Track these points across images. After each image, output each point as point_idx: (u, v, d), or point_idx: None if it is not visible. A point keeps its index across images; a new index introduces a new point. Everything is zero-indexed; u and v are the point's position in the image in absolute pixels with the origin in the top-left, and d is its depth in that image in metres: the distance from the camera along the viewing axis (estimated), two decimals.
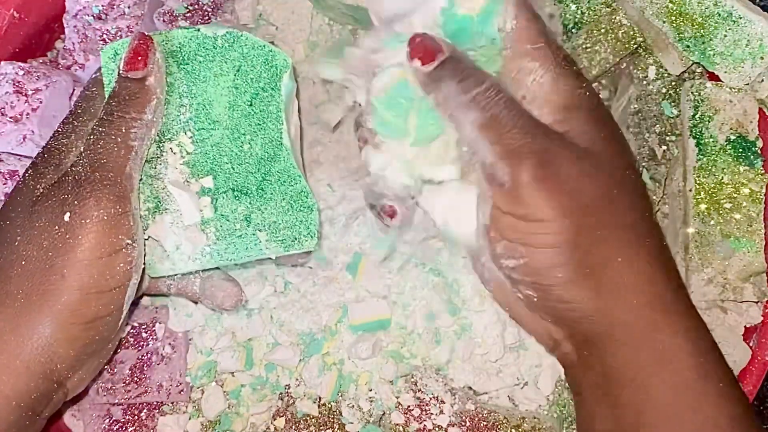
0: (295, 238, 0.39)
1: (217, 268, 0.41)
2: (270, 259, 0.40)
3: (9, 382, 0.33)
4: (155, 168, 0.38)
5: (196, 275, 0.41)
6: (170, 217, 0.38)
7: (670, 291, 0.33)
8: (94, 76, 0.39)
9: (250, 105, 0.39)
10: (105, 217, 0.33)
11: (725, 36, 0.44)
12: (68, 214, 0.33)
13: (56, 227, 0.33)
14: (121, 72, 0.36)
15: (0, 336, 0.33)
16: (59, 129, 0.38)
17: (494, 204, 0.33)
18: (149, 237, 0.38)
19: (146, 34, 0.36)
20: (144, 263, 0.38)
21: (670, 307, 0.32)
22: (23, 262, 0.34)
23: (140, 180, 0.37)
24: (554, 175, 0.31)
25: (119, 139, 0.35)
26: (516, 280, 0.34)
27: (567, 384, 0.45)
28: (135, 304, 0.47)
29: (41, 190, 0.35)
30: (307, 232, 0.39)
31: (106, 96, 0.37)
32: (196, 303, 0.44)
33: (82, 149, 0.35)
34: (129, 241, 0.35)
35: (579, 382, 0.35)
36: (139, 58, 0.35)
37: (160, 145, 0.38)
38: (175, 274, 0.39)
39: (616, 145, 0.34)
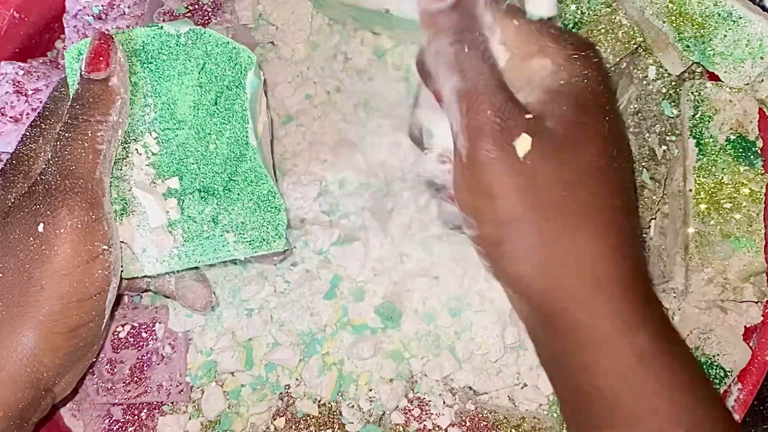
0: (263, 239, 0.39)
1: (190, 268, 0.41)
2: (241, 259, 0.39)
3: None
4: (121, 170, 0.37)
5: (171, 275, 0.40)
6: (137, 220, 0.38)
7: (616, 278, 0.32)
8: (62, 77, 0.39)
9: (215, 104, 0.38)
10: (79, 225, 0.33)
11: (725, 36, 0.44)
12: (42, 224, 0.33)
13: (31, 238, 0.33)
14: (83, 73, 0.35)
15: None
16: (27, 133, 0.37)
17: (454, 171, 0.33)
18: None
19: (107, 33, 0.36)
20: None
21: (614, 293, 0.32)
22: (0, 275, 0.33)
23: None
24: (509, 156, 0.31)
25: (86, 144, 0.34)
26: (476, 250, 0.34)
27: None
28: (136, 306, 0.47)
29: (12, 201, 0.35)
30: (275, 233, 0.39)
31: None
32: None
33: (50, 155, 0.35)
34: (105, 247, 0.34)
35: (539, 359, 0.36)
36: (101, 58, 0.35)
37: (126, 146, 0.37)
38: (146, 276, 0.39)
39: (592, 133, 0.33)
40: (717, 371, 0.43)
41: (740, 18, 0.43)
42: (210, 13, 0.48)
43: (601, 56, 0.35)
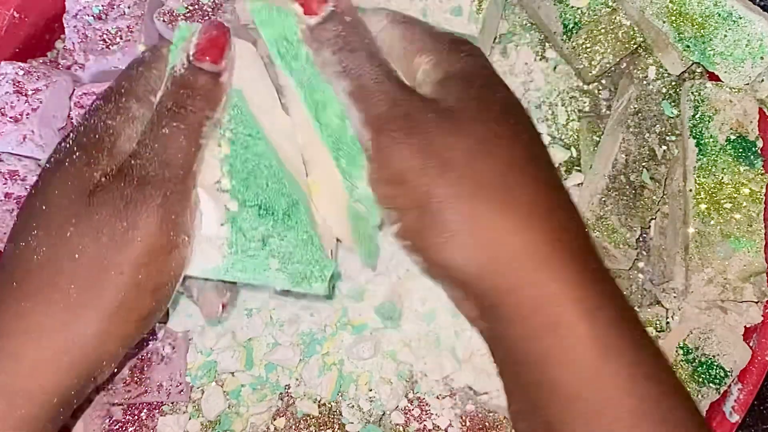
0: (305, 277, 0.36)
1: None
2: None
3: (53, 380, 0.32)
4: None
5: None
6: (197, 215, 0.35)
7: (559, 251, 0.30)
8: (140, 55, 0.37)
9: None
10: (169, 217, 0.32)
11: (725, 36, 0.44)
12: (132, 211, 0.32)
13: (117, 223, 0.31)
14: (192, 60, 0.34)
15: (48, 333, 0.31)
16: (101, 107, 0.35)
17: (367, 172, 0.32)
18: None
19: (223, 23, 0.35)
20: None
21: (557, 273, 0.30)
22: (77, 256, 0.31)
23: None
24: (414, 137, 0.30)
25: (191, 136, 0.33)
26: (402, 247, 0.32)
27: None
28: None
29: (98, 179, 0.33)
30: (319, 274, 0.36)
31: (166, 82, 0.34)
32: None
33: (144, 138, 0.33)
34: (186, 238, 0.33)
35: (494, 360, 0.33)
36: (215, 49, 0.34)
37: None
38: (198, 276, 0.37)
39: (487, 103, 0.32)
40: (717, 371, 0.43)
41: (740, 18, 0.43)
42: (210, 13, 0.48)
43: (476, 49, 0.35)
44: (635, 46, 0.46)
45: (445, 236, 0.30)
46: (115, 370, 0.41)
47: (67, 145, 0.34)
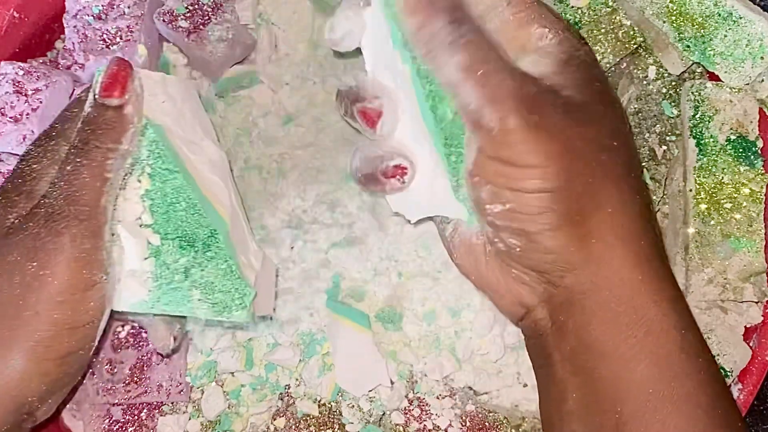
0: (227, 306, 0.37)
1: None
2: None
3: None
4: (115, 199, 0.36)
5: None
6: (117, 252, 0.36)
7: (656, 254, 0.32)
8: (77, 96, 0.38)
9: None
10: (79, 254, 0.32)
11: (725, 36, 0.44)
12: (41, 250, 0.32)
13: (29, 263, 0.32)
14: (96, 97, 0.34)
15: None
16: (31, 151, 0.36)
17: (480, 148, 0.31)
18: None
19: (125, 59, 0.35)
20: None
21: (657, 271, 0.31)
22: None
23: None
24: (543, 121, 0.30)
25: (95, 171, 0.33)
26: (500, 227, 0.32)
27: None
28: None
29: (12, 221, 0.34)
30: (240, 302, 0.37)
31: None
32: None
33: (54, 178, 0.33)
34: (102, 275, 0.34)
35: (549, 353, 0.33)
36: (117, 84, 0.34)
37: (124, 177, 0.36)
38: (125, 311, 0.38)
39: (609, 100, 0.33)
40: None
41: (740, 18, 0.43)
42: (210, 13, 0.48)
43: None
44: (635, 46, 0.46)
45: (557, 224, 0.31)
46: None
47: None
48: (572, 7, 0.46)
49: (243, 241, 0.40)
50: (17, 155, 0.46)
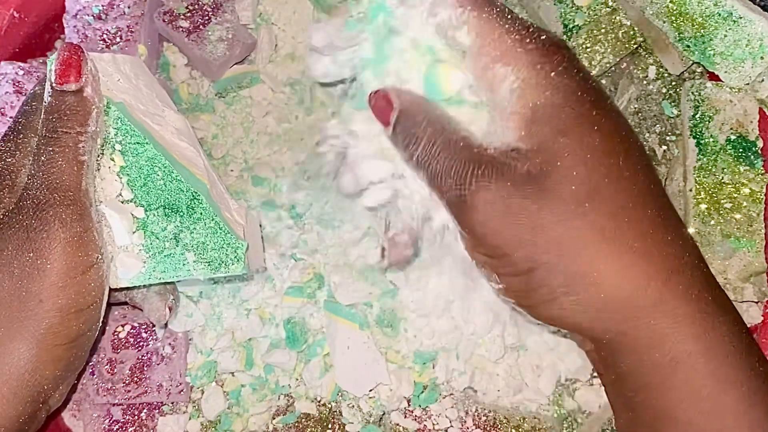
0: (222, 261, 0.38)
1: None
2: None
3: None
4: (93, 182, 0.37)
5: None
6: (105, 233, 0.37)
7: (669, 297, 0.30)
8: (32, 91, 0.38)
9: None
10: (72, 237, 0.33)
11: (725, 36, 0.44)
12: (35, 241, 0.33)
13: (25, 254, 0.33)
14: (53, 85, 0.34)
15: None
16: (1, 148, 0.37)
17: (464, 245, 0.33)
18: None
19: (74, 43, 0.35)
20: None
21: (670, 314, 0.30)
22: None
23: None
24: (500, 214, 0.30)
25: (69, 156, 0.34)
26: (505, 300, 0.34)
27: (567, 382, 0.45)
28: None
29: (1, 217, 0.34)
30: (234, 255, 0.38)
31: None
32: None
33: (31, 169, 0.34)
34: (98, 256, 0.35)
35: (601, 379, 0.34)
36: (71, 69, 0.34)
37: (96, 159, 0.37)
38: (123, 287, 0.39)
39: (583, 153, 0.30)
40: None
41: (740, 18, 0.43)
42: (210, 13, 0.48)
43: (572, 57, 0.32)
44: (635, 46, 0.46)
45: (552, 297, 0.31)
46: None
47: None
48: (572, 7, 0.46)
49: (223, 199, 0.41)
50: None
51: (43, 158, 0.34)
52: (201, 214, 0.38)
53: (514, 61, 0.31)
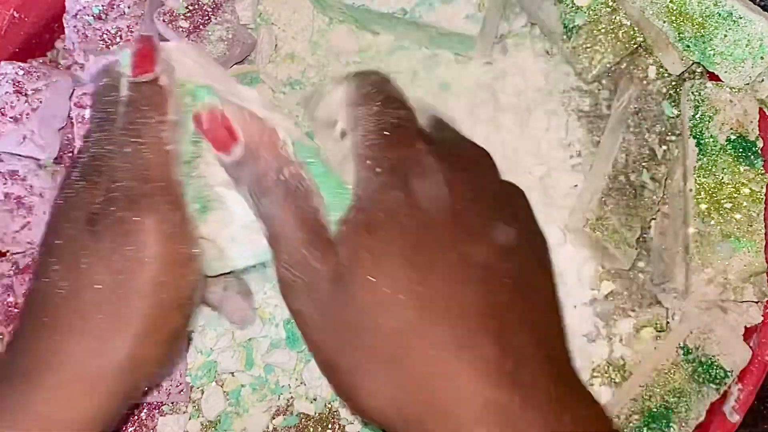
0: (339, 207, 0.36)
1: (235, 278, 0.40)
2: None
3: (92, 407, 0.32)
4: (197, 168, 0.36)
5: (217, 286, 0.40)
6: (220, 215, 0.36)
7: (503, 408, 0.26)
8: (102, 83, 0.36)
9: None
10: (170, 230, 0.32)
11: (725, 36, 0.44)
12: (132, 234, 0.31)
13: (125, 248, 0.31)
14: (129, 79, 0.34)
15: (83, 363, 0.31)
16: (94, 133, 0.35)
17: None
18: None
19: (147, 35, 0.35)
20: None
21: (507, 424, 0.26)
22: (96, 287, 0.32)
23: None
24: (308, 309, 0.30)
25: (154, 147, 0.33)
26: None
27: None
28: None
29: (95, 209, 0.33)
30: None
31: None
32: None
33: (119, 162, 0.33)
34: (195, 248, 0.33)
35: None
36: (146, 60, 0.34)
37: (198, 143, 0.36)
38: (230, 272, 0.37)
39: (378, 254, 0.29)
40: (717, 371, 0.43)
41: (740, 18, 0.43)
42: (210, 13, 0.48)
43: (403, 150, 0.31)
44: (635, 46, 0.46)
45: (346, 395, 0.30)
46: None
47: (69, 178, 0.34)
48: (572, 7, 0.46)
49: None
50: (17, 155, 0.46)
51: (127, 150, 0.33)
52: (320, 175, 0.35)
53: (355, 156, 0.31)
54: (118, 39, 0.47)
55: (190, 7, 0.48)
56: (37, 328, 0.32)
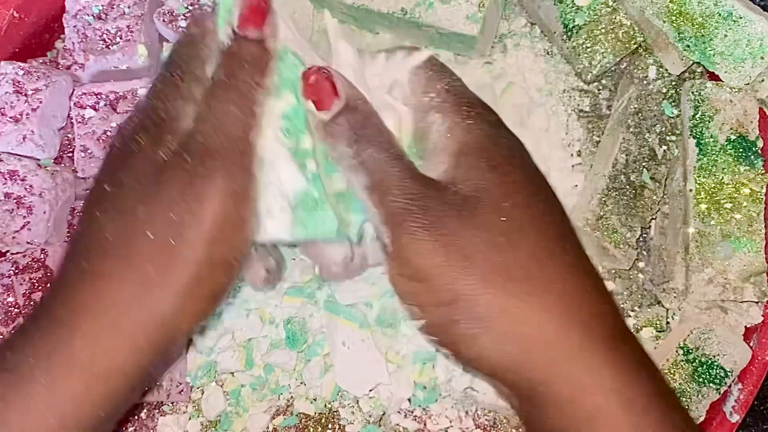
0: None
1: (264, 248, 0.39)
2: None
3: (130, 359, 0.31)
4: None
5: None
6: (265, 180, 0.34)
7: (591, 344, 0.30)
8: (184, 36, 0.36)
9: None
10: (235, 189, 0.32)
11: (725, 36, 0.44)
12: (197, 186, 0.31)
13: (185, 198, 0.31)
14: (236, 30, 0.33)
15: (125, 312, 0.31)
16: (163, 89, 0.34)
17: (387, 268, 0.32)
18: None
19: None
20: None
21: (592, 363, 0.30)
22: (149, 234, 0.31)
23: None
24: (433, 235, 0.30)
25: (244, 105, 0.33)
26: (428, 341, 0.33)
27: None
28: None
29: (163, 157, 0.32)
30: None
31: (217, 56, 0.34)
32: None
33: (200, 112, 0.33)
34: (251, 213, 0.33)
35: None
36: (258, 15, 0.33)
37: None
38: (266, 242, 0.37)
39: (505, 188, 0.31)
40: (717, 371, 0.43)
41: (740, 18, 0.43)
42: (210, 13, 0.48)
43: (493, 114, 0.34)
44: (635, 46, 0.46)
45: (473, 332, 0.30)
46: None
47: (131, 128, 0.34)
48: (572, 6, 0.46)
49: None
50: (17, 155, 0.46)
51: (216, 102, 0.32)
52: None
53: (444, 110, 0.33)
54: (118, 39, 0.47)
55: (190, 7, 0.48)
56: (78, 273, 0.32)
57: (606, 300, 0.32)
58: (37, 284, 0.45)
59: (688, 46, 0.44)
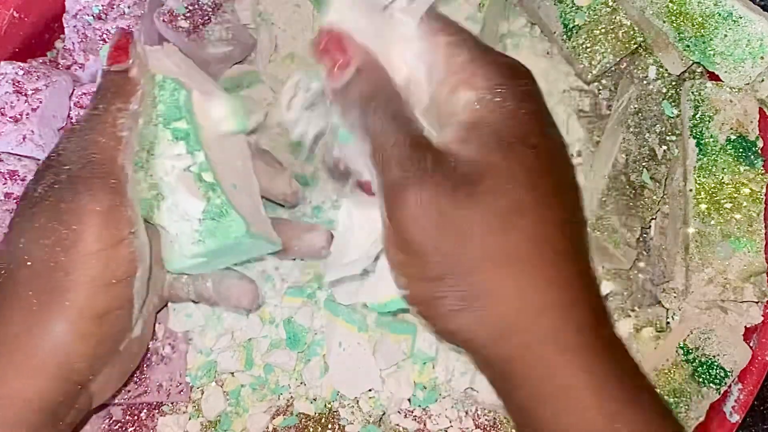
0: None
1: (228, 269, 0.41)
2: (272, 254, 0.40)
3: (28, 383, 0.33)
4: (153, 155, 0.37)
5: (208, 277, 0.40)
6: (170, 203, 0.37)
7: (572, 326, 0.30)
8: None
9: None
10: (101, 209, 0.33)
11: (725, 36, 0.44)
12: (66, 212, 0.33)
13: (56, 225, 0.33)
14: (103, 68, 0.35)
15: (15, 338, 0.33)
16: (62, 137, 0.37)
17: (383, 235, 0.32)
18: (157, 226, 0.38)
19: (127, 29, 0.36)
20: (162, 259, 0.38)
21: (568, 343, 0.30)
22: (29, 263, 0.33)
23: (141, 168, 0.37)
24: (428, 209, 0.30)
25: (107, 131, 0.34)
26: (411, 310, 0.33)
27: None
28: None
29: (39, 191, 0.35)
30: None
31: None
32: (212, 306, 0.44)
33: (69, 144, 0.35)
34: (130, 231, 0.34)
35: (507, 410, 0.34)
36: (121, 51, 0.35)
37: (160, 131, 0.37)
38: (186, 271, 0.39)
39: (514, 170, 0.31)
40: (717, 371, 0.43)
41: (740, 18, 0.43)
42: (210, 13, 0.48)
43: (532, 83, 0.33)
44: (635, 46, 0.46)
45: (455, 308, 0.30)
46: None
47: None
48: (572, 6, 0.46)
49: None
50: (17, 155, 0.46)
51: (81, 133, 0.34)
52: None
53: (475, 85, 0.32)
54: None
55: (190, 7, 0.48)
56: None
57: (589, 282, 0.32)
58: None
59: (688, 46, 0.44)
